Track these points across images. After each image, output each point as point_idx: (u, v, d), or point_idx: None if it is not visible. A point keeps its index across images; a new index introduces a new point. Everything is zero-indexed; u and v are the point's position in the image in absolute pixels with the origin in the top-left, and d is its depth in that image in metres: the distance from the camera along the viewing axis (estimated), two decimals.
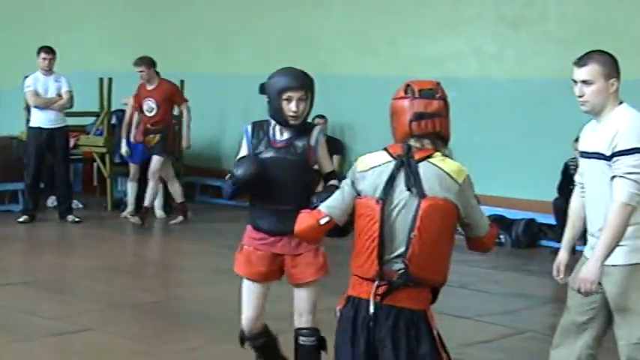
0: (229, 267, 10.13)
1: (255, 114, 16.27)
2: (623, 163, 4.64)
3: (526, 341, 7.54)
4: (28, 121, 13.29)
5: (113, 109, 14.10)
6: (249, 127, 5.47)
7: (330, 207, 4.20)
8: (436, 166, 4.00)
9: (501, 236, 11.92)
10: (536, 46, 12.50)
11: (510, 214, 12.17)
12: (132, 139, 13.11)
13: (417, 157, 4.02)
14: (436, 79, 14.12)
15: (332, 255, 7.01)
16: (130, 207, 13.33)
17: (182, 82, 14.51)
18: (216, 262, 10.48)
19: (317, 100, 15.60)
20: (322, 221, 4.16)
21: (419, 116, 4.04)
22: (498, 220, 12.07)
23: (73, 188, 13.82)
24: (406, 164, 4.00)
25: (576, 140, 11.39)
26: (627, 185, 4.62)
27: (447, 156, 4.10)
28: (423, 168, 4.00)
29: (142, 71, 12.84)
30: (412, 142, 4.07)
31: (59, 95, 12.75)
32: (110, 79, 14.12)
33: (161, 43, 16.24)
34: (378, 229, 3.95)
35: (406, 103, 4.07)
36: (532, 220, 11.99)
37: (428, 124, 4.06)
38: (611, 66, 4.82)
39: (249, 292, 5.59)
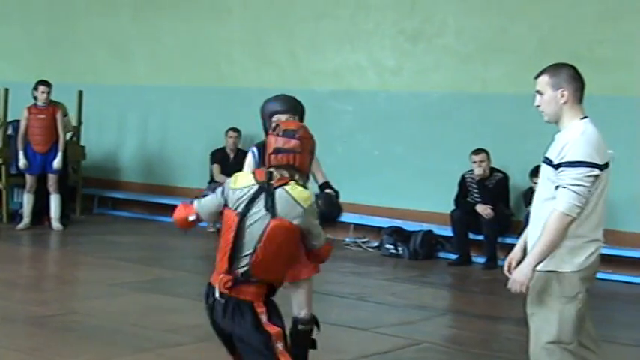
0: (126, 280, 10.14)
1: (154, 125, 16.31)
2: (568, 175, 4.78)
3: (422, 352, 7.61)
4: None
5: (9, 119, 13.88)
6: (256, 150, 6.30)
7: (202, 206, 5.05)
8: (288, 193, 4.78)
9: (399, 248, 12.05)
10: (434, 60, 12.69)
11: (408, 225, 12.30)
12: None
13: (275, 184, 4.83)
14: (335, 91, 14.32)
15: None
16: (27, 219, 13.16)
17: (80, 92, 14.39)
18: (113, 275, 10.40)
19: (223, 113, 15.47)
20: (190, 218, 5.05)
21: (277, 151, 4.89)
22: (397, 232, 12.20)
23: None
24: (266, 189, 4.80)
25: (473, 153, 11.62)
26: (569, 196, 4.76)
27: (300, 185, 4.88)
28: (278, 193, 4.79)
29: None
30: (274, 171, 4.88)
31: None
32: (6, 90, 13.90)
33: (59, 54, 16.08)
34: (232, 237, 4.79)
35: (272, 139, 4.94)
36: (429, 232, 12.13)
37: (283, 158, 4.88)
38: (561, 77, 4.96)
39: None
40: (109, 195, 15.30)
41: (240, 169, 6.09)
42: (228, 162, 13.49)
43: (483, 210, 11.46)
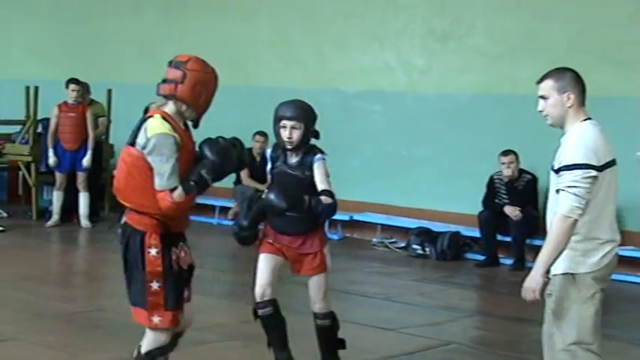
0: None
1: None
2: (566, 178, 4.85)
3: (450, 353, 7.60)
4: None
5: (39, 117, 13.96)
6: (269, 150, 6.54)
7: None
8: (147, 124, 5.04)
9: (426, 249, 12.02)
10: (463, 61, 12.65)
11: (436, 226, 12.28)
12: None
13: (148, 115, 5.12)
14: (363, 91, 14.28)
15: None
16: (56, 216, 13.23)
17: (109, 91, 14.44)
18: None
19: (250, 113, 15.43)
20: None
21: (163, 81, 5.11)
22: (424, 233, 12.17)
23: None
24: (141, 120, 5.13)
25: (502, 154, 11.58)
26: (568, 199, 4.82)
27: (189, 117, 5.21)
28: (144, 124, 5.05)
29: None
30: (159, 102, 5.20)
31: None
32: (36, 88, 13.99)
33: (88, 52, 16.15)
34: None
35: (165, 70, 5.15)
36: (457, 233, 12.10)
37: (166, 87, 5.08)
38: (566, 80, 5.05)
39: (266, 262, 6.40)
40: None
41: (265, 171, 6.45)
42: (254, 165, 13.49)
43: (512, 211, 11.42)
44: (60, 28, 16.61)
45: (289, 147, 6.26)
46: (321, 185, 6.24)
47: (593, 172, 4.86)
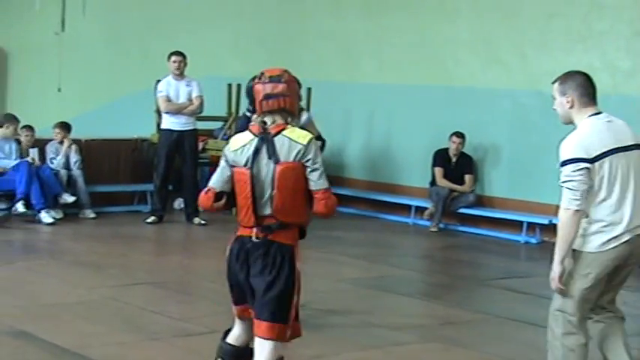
0: (351, 275, 10.25)
1: (380, 123, 16.33)
2: (562, 174, 5.41)
3: None
4: (158, 124, 13.58)
5: (240, 114, 14.24)
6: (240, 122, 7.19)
7: (215, 182, 5.37)
8: (286, 137, 5.14)
9: None
10: None
11: None
12: None
13: (273, 132, 5.17)
14: None
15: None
16: None
17: (309, 89, 14.60)
18: (338, 271, 10.51)
19: (448, 113, 15.20)
20: (204, 191, 5.41)
21: (267, 97, 5.19)
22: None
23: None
24: (266, 139, 5.16)
25: None
26: (565, 193, 5.39)
27: (297, 126, 5.26)
28: (277, 140, 5.15)
29: None
30: (266, 119, 5.20)
31: (190, 100, 13.01)
32: (239, 85, 14.30)
33: (289, 50, 16.38)
34: (250, 190, 5.15)
35: (259, 87, 5.22)
36: None
37: (274, 102, 5.18)
38: (568, 84, 5.67)
39: None
40: (334, 191, 15.42)
41: (461, 172, 6.53)
42: (449, 165, 13.40)
43: None
44: (261, 27, 16.92)
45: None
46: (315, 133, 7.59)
47: (583, 164, 5.36)
